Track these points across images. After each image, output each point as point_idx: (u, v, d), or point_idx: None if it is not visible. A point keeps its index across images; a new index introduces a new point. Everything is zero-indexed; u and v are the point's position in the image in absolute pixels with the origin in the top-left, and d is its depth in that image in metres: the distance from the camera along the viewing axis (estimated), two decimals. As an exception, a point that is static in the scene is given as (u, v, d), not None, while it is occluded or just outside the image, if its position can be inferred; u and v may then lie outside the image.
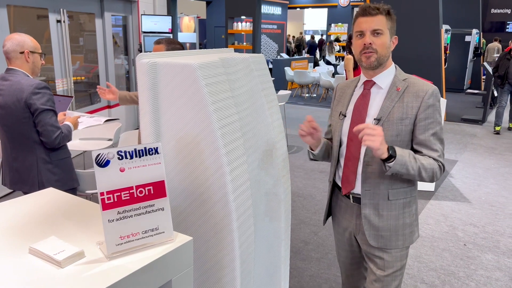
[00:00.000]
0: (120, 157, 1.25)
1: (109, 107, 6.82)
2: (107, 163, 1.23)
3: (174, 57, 1.69)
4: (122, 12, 6.93)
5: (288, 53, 18.12)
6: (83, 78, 6.51)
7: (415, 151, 1.68)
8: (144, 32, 7.13)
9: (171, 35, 7.29)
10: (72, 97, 3.05)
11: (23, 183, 2.35)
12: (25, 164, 2.33)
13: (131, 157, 1.27)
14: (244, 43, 12.78)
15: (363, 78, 1.77)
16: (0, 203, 1.57)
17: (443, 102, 4.75)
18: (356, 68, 5.67)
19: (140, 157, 1.28)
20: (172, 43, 2.59)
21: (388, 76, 1.71)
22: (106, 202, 1.23)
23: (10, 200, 1.60)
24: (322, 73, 11.03)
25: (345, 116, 1.79)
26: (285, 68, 11.82)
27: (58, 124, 2.29)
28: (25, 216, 1.47)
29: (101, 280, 1.13)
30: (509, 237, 3.75)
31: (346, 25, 17.54)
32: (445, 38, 9.29)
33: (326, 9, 18.38)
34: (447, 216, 4.18)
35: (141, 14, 7.05)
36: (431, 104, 1.64)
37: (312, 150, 1.91)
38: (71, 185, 2.49)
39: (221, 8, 13.83)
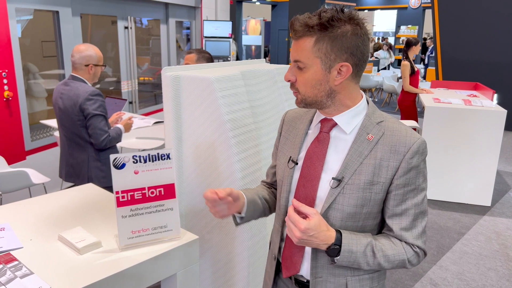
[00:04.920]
0: (135, 161, 1.42)
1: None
2: (123, 165, 1.40)
3: (197, 70, 1.84)
4: (186, 18, 7.32)
5: None
6: (151, 79, 7.00)
7: (385, 225, 1.20)
8: (206, 37, 7.46)
9: (231, 40, 7.55)
10: (126, 100, 3.35)
11: (76, 177, 2.66)
12: (78, 160, 2.63)
13: (145, 161, 1.43)
14: (307, 46, 12.77)
15: (319, 114, 1.21)
16: (43, 196, 1.82)
17: (503, 113, 4.40)
18: (413, 74, 5.50)
19: (153, 161, 1.44)
20: (202, 52, 2.90)
21: (355, 116, 1.16)
22: (121, 200, 1.40)
23: (52, 193, 1.85)
24: (385, 77, 10.71)
25: (296, 163, 1.22)
26: (347, 71, 11.63)
27: (106, 128, 2.55)
28: (62, 207, 1.70)
29: (111, 267, 1.30)
30: None
31: (417, 27, 16.85)
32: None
33: (395, 11, 17.80)
34: (500, 233, 3.94)
35: (204, 20, 7.40)
36: (415, 165, 1.11)
37: (238, 213, 1.29)
38: None
39: (286, 12, 13.96)
